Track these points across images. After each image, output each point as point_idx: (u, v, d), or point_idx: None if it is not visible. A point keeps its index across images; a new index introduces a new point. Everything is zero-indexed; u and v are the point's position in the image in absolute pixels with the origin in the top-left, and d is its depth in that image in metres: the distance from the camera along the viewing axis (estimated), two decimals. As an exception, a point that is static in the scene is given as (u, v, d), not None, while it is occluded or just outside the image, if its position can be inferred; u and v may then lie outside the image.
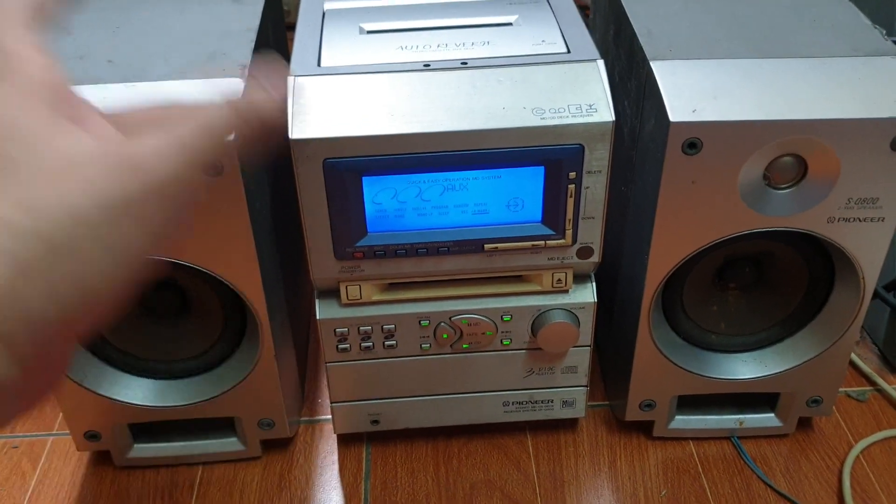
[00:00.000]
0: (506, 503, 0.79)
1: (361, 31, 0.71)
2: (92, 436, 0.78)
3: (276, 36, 0.83)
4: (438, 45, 0.68)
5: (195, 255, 0.66)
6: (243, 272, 0.67)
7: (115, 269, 0.26)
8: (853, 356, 0.93)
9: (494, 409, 0.82)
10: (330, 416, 0.82)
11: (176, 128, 0.30)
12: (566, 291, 0.74)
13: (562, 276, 0.73)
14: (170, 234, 0.28)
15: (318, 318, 0.72)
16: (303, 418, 0.87)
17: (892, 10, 0.89)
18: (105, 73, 0.65)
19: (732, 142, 0.63)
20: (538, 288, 0.74)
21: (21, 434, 0.86)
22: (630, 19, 0.72)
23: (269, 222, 0.72)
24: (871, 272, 0.71)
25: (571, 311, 0.74)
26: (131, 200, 0.27)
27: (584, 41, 0.68)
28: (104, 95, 0.63)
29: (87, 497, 0.80)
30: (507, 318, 0.75)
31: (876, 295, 0.90)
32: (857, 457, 0.83)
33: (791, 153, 0.64)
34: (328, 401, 0.80)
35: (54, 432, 0.86)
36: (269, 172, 0.72)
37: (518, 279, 0.74)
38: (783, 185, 0.66)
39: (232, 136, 0.31)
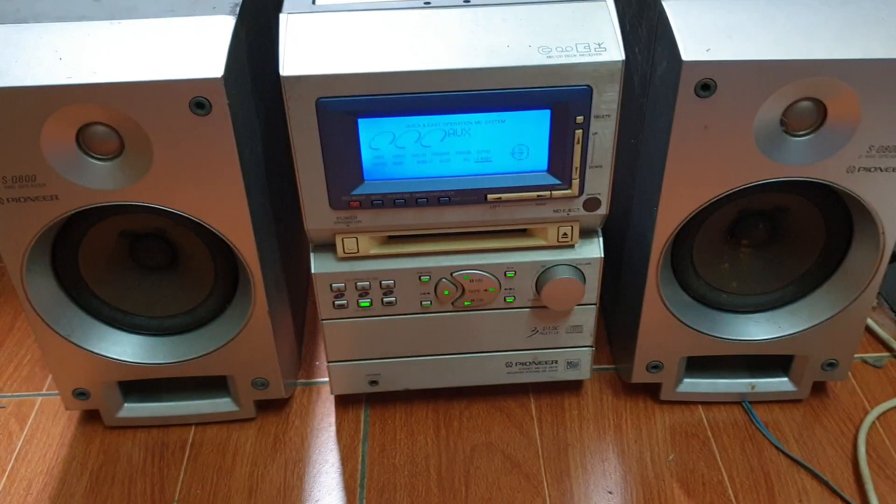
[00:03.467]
0: (507, 465, 0.76)
1: (359, -31, 0.68)
2: (80, 394, 0.75)
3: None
4: (440, -16, 0.65)
5: (181, 202, 0.63)
6: (232, 219, 0.64)
7: None
8: (870, 322, 0.90)
9: (497, 371, 0.79)
10: (327, 379, 0.79)
11: None
12: (572, 246, 0.71)
13: (568, 229, 0.70)
14: None
15: (312, 272, 0.69)
16: (300, 380, 0.85)
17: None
18: (90, 11, 0.62)
19: (748, 84, 0.60)
20: (543, 242, 0.71)
21: (9, 394, 0.84)
22: (641, -39, 0.69)
23: (261, 168, 0.69)
24: (891, 226, 0.68)
25: (577, 267, 0.72)
26: None
27: (593, -19, 0.65)
28: (88, 32, 0.60)
29: (75, 457, 0.77)
30: (510, 273, 0.72)
31: (894, 259, 0.86)
32: (873, 423, 0.80)
33: (810, 97, 0.61)
34: (326, 363, 0.77)
35: (43, 392, 0.84)
36: (261, 115, 0.69)
37: (522, 233, 0.71)
38: (801, 132, 0.63)
39: None
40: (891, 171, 0.65)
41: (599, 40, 0.60)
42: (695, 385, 0.81)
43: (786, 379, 0.81)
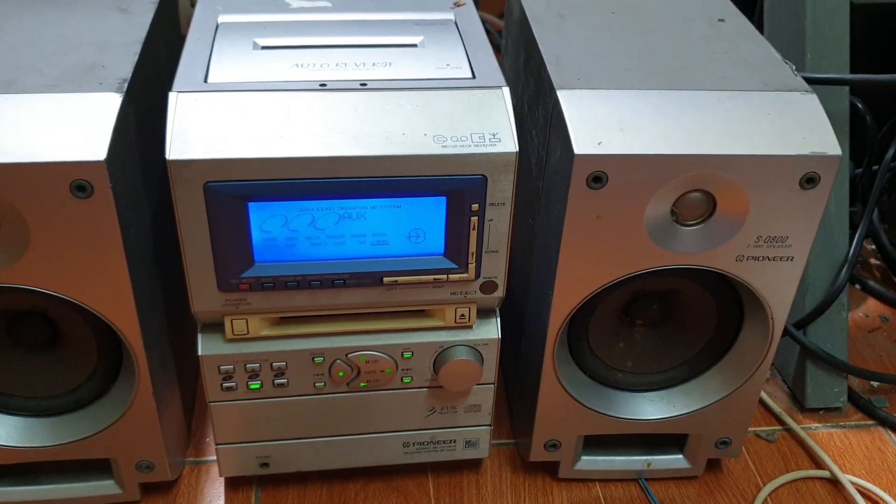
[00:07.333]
0: (403, 551, 0.74)
1: (255, 46, 0.66)
2: (-52, 479, 0.71)
3: (168, 51, 0.78)
4: (337, 65, 0.64)
5: (62, 285, 0.60)
6: (116, 303, 0.62)
7: None
8: (763, 395, 0.92)
9: (394, 451, 0.77)
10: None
11: None
12: (470, 327, 0.71)
13: (465, 311, 0.69)
14: None
15: (199, 354, 0.67)
16: (188, 459, 0.81)
17: (802, 46, 0.89)
18: (-34, 83, 0.59)
19: (639, 176, 0.60)
20: (441, 323, 0.70)
21: None
22: (539, 46, 0.69)
23: (148, 249, 0.66)
24: (780, 312, 0.69)
25: (475, 348, 0.71)
26: None
27: (491, 67, 0.65)
28: (-38, 107, 0.57)
29: (-59, 547, 0.72)
30: (407, 354, 0.71)
31: (785, 332, 0.89)
32: (766, 500, 0.81)
33: (699, 189, 0.62)
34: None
35: None
36: (149, 193, 0.67)
37: (419, 314, 0.70)
38: (691, 222, 0.64)
39: None
40: (778, 260, 0.66)
41: (494, 130, 0.60)
42: (592, 463, 0.81)
43: (681, 456, 0.81)
